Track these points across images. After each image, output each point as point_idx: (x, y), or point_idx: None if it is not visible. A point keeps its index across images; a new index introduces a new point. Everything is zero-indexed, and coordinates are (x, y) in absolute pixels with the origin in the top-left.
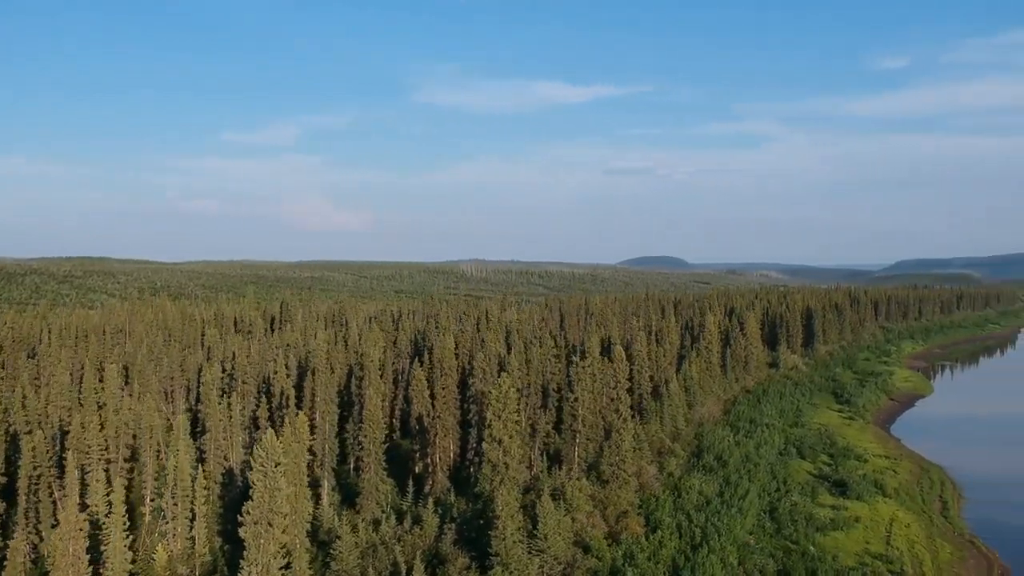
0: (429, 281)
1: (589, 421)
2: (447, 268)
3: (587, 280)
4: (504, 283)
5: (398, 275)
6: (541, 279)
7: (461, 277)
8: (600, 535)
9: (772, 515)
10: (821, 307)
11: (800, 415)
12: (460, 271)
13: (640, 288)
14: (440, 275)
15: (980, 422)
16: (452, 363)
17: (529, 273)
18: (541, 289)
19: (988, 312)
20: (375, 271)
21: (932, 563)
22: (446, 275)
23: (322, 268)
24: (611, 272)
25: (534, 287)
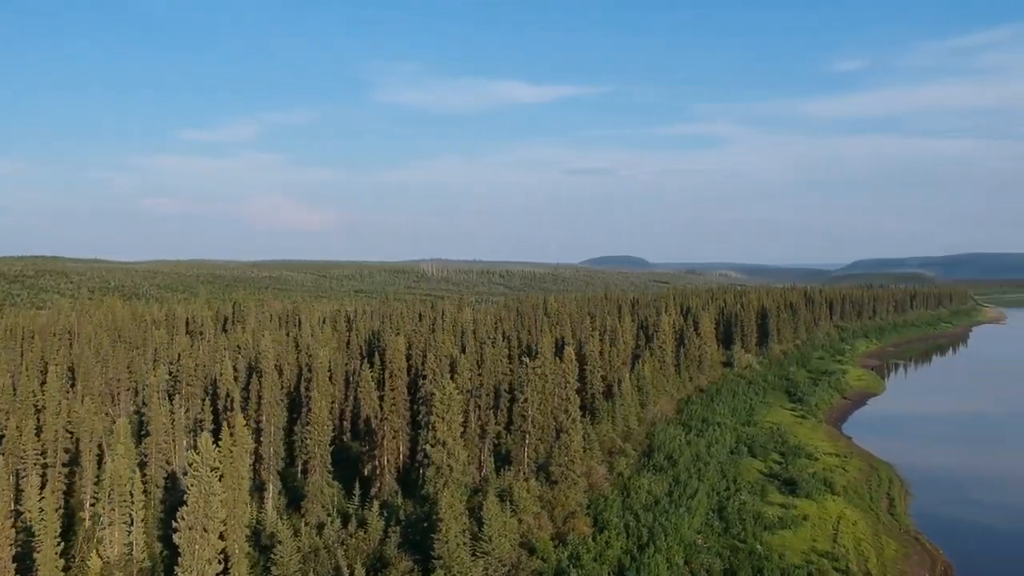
0: (390, 281)
1: (539, 422)
2: (408, 268)
3: (548, 280)
4: (465, 283)
5: (358, 275)
6: (502, 279)
7: (422, 277)
8: (547, 536)
9: (721, 514)
10: (776, 307)
11: (753, 414)
12: (421, 271)
13: (601, 288)
14: (401, 275)
15: (930, 420)
16: (402, 364)
17: (490, 273)
18: (502, 289)
19: (941, 311)
20: (335, 271)
21: (877, 560)
22: (407, 275)
23: (281, 268)
24: (572, 272)
25: (495, 287)
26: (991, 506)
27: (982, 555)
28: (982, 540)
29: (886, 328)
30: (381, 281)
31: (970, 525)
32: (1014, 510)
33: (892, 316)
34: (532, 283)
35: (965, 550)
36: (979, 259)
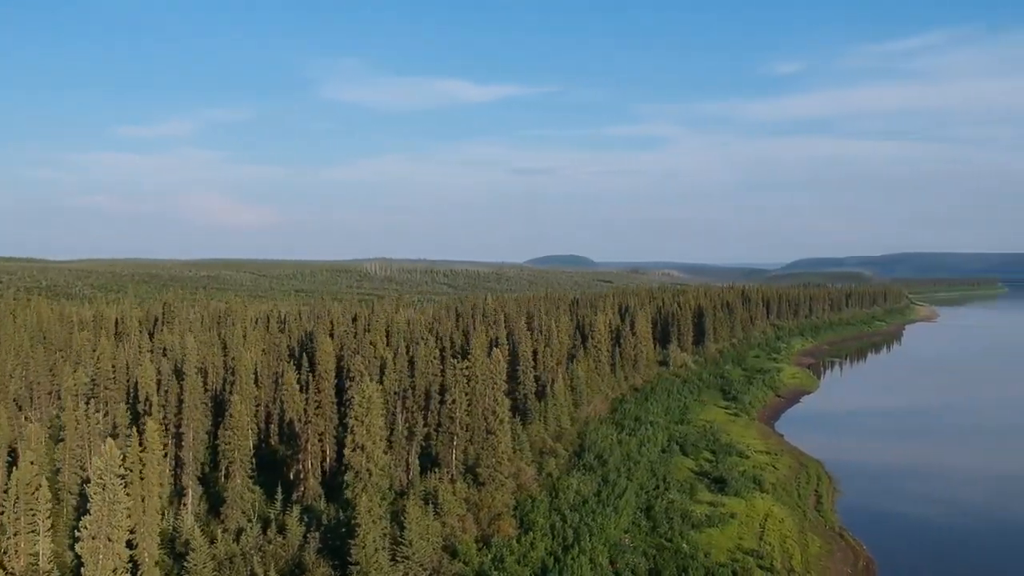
0: (331, 280)
1: (466, 423)
2: (351, 267)
3: (492, 279)
4: (409, 282)
5: (299, 274)
6: (446, 278)
7: (365, 276)
8: (470, 539)
9: (648, 513)
10: (713, 306)
11: (687, 412)
12: (364, 270)
13: (544, 287)
14: (343, 274)
15: (861, 416)
16: (331, 366)
17: (434, 272)
18: (446, 288)
19: (875, 310)
20: (275, 270)
21: (801, 557)
22: (349, 274)
23: (219, 267)
24: (516, 271)
25: (439, 286)
26: (917, 500)
27: (905, 549)
28: (906, 534)
29: (822, 327)
30: (322, 281)
31: (895, 520)
32: (939, 503)
33: (828, 315)
34: (476, 282)
35: (889, 545)
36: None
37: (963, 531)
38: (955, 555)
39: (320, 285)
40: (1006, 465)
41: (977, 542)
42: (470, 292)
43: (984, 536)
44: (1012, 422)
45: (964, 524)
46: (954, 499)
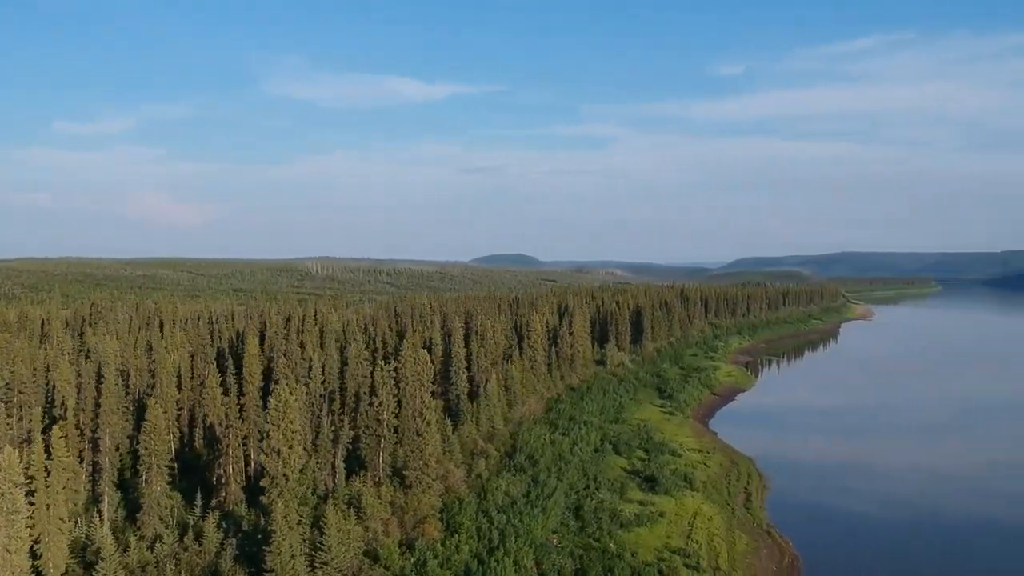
0: (272, 279)
1: (394, 425)
2: (292, 266)
3: (436, 278)
4: (351, 281)
5: (238, 273)
6: (390, 277)
7: (306, 275)
8: (393, 543)
9: (577, 513)
10: (651, 305)
11: (622, 411)
12: (305, 269)
13: (489, 286)
14: (284, 273)
15: (794, 413)
16: (256, 368)
17: (377, 271)
18: (389, 287)
19: (812, 309)
20: (214, 269)
21: (728, 555)
22: (290, 273)
23: (156, 266)
24: (461, 270)
25: (382, 285)
26: (846, 497)
27: (832, 545)
28: (833, 530)
29: (759, 325)
30: (262, 280)
31: (824, 516)
32: (868, 500)
33: (765, 313)
34: (420, 282)
35: (816, 541)
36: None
37: (891, 527)
38: (882, 551)
39: (260, 284)
40: (935, 461)
41: (904, 538)
42: (413, 291)
43: (911, 532)
44: (941, 419)
45: (892, 520)
46: (883, 495)
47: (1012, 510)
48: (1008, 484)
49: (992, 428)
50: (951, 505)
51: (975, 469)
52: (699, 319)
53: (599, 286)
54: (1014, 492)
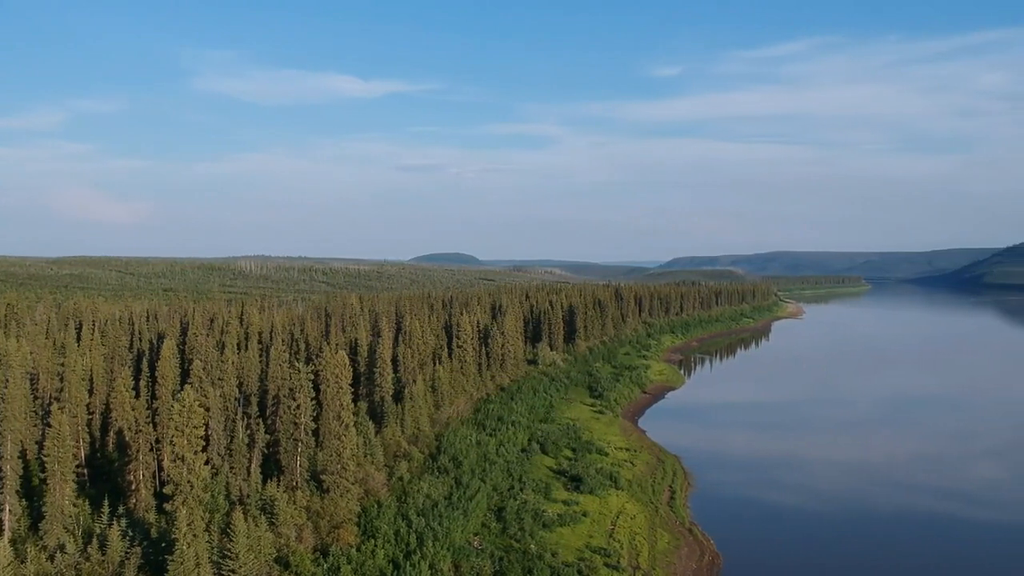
0: (204, 278)
1: (312, 429)
2: (225, 264)
3: (373, 277)
4: (286, 280)
5: (169, 272)
6: (325, 276)
7: (239, 274)
8: (306, 549)
9: (499, 514)
10: (584, 304)
11: (552, 411)
12: (238, 268)
13: (427, 285)
14: (216, 272)
15: (723, 411)
16: (170, 371)
17: (313, 270)
18: (324, 287)
19: (743, 307)
20: (144, 267)
21: (649, 553)
22: (223, 272)
23: (84, 264)
24: (399, 269)
25: (317, 284)
26: (771, 493)
27: (753, 540)
28: (755, 525)
29: (692, 324)
30: (193, 279)
31: (748, 513)
32: (792, 495)
33: (698, 312)
34: (357, 281)
35: (737, 537)
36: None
37: (814, 521)
38: (804, 545)
39: (191, 284)
40: (860, 456)
41: (827, 531)
42: (349, 291)
43: (834, 525)
44: (867, 415)
45: (816, 514)
46: (808, 490)
47: (933, 501)
48: (930, 476)
49: (916, 422)
50: (874, 498)
51: (898, 462)
52: (633, 318)
53: (535, 285)
54: (935, 484)
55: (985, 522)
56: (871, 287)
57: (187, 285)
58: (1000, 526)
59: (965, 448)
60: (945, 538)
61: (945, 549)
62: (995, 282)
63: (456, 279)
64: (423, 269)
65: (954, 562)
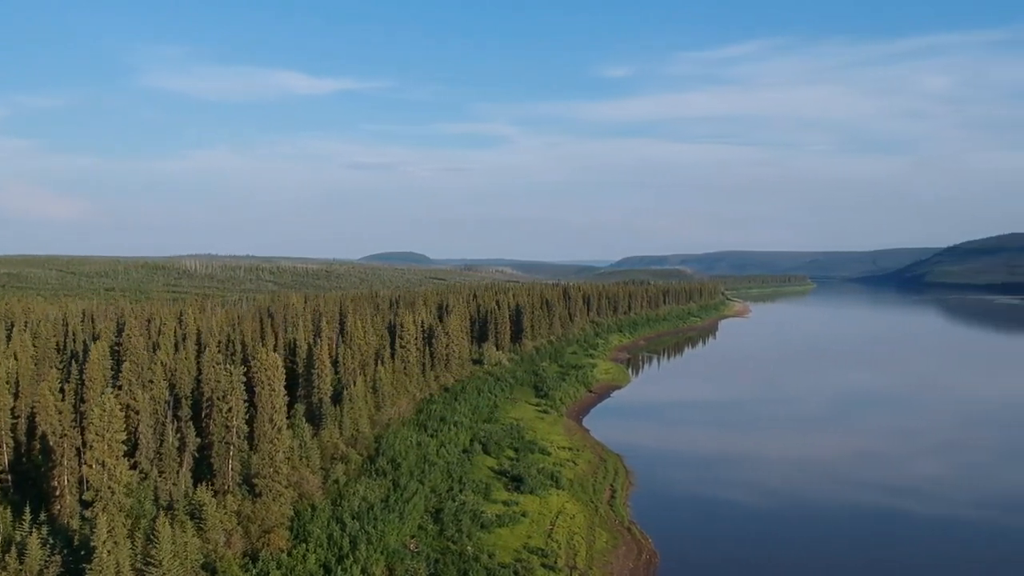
0: (147, 278)
1: (245, 432)
2: (170, 263)
3: (322, 276)
4: (232, 279)
5: (112, 271)
6: (272, 275)
7: (184, 273)
8: (236, 554)
9: (437, 516)
10: (531, 303)
11: (496, 411)
12: (183, 267)
13: (376, 284)
14: (160, 271)
15: (668, 409)
16: (100, 373)
17: (259, 269)
18: (271, 286)
19: (691, 306)
20: (86, 266)
21: (587, 553)
22: (167, 271)
23: (23, 263)
24: (348, 268)
25: (264, 283)
26: (711, 489)
27: (692, 538)
28: (695, 523)
29: (639, 322)
30: (137, 278)
31: (688, 509)
32: (732, 490)
33: (646, 311)
34: (305, 280)
35: (677, 535)
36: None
37: (755, 517)
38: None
39: (134, 283)
40: (802, 452)
41: (767, 528)
42: (297, 290)
43: (775, 521)
44: (810, 411)
45: (757, 512)
46: (751, 488)
47: (876, 497)
48: (873, 473)
49: (859, 419)
50: (816, 494)
51: (842, 459)
52: (581, 317)
53: (483, 285)
54: (879, 480)
55: (926, 517)
56: (816, 286)
57: (130, 284)
58: (941, 521)
59: (908, 445)
60: (887, 533)
61: (887, 544)
62: (936, 281)
63: (406, 278)
64: (373, 268)
65: (896, 557)
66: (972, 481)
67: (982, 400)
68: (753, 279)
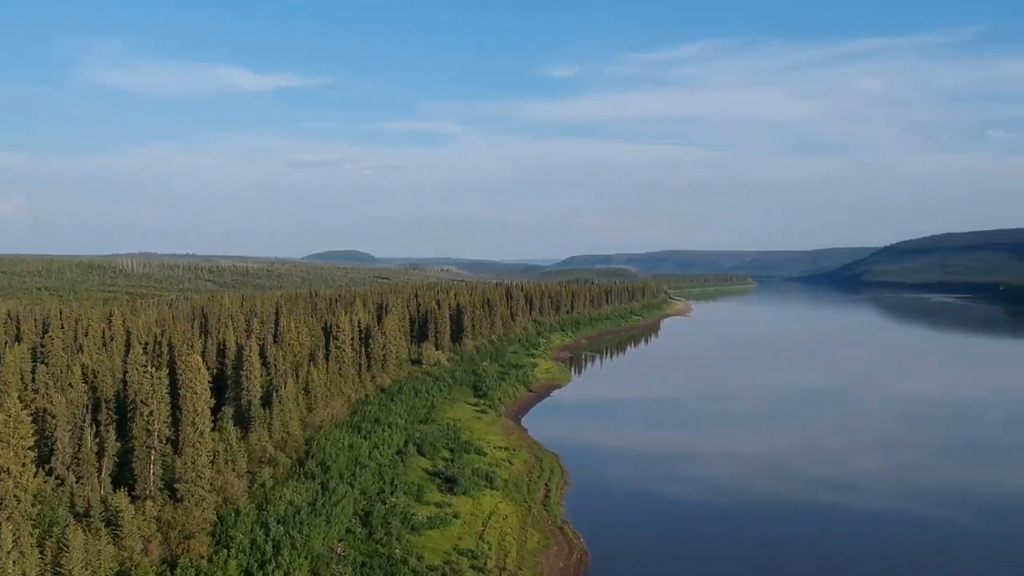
0: (82, 277)
1: (167, 436)
2: (106, 262)
3: (263, 275)
4: (171, 279)
5: (46, 270)
6: (212, 274)
7: (121, 272)
8: (152, 562)
9: (366, 519)
10: (472, 303)
11: (432, 411)
12: (120, 266)
13: (318, 284)
14: (96, 270)
15: (607, 407)
16: (15, 376)
17: (199, 268)
18: (210, 285)
19: (633, 305)
20: (17, 265)
21: (517, 553)
22: (103, 270)
23: None
24: (290, 267)
25: (202, 283)
26: (646, 487)
27: (623, 536)
28: (628, 522)
29: (582, 321)
30: (71, 277)
31: (623, 507)
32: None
33: (588, 310)
34: (245, 279)
35: (608, 534)
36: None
37: (691, 515)
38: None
39: (68, 282)
40: (740, 448)
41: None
42: (237, 289)
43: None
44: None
45: (693, 508)
46: (687, 484)
47: (813, 491)
48: (811, 468)
49: (797, 416)
50: (753, 490)
51: (778, 455)
52: (523, 316)
53: (425, 284)
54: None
55: (863, 512)
56: (758, 285)
57: (64, 284)
58: (879, 514)
59: (845, 441)
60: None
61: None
62: (873, 280)
63: (349, 278)
64: (315, 267)
65: (833, 551)
66: (908, 476)
67: (918, 397)
68: (696, 278)
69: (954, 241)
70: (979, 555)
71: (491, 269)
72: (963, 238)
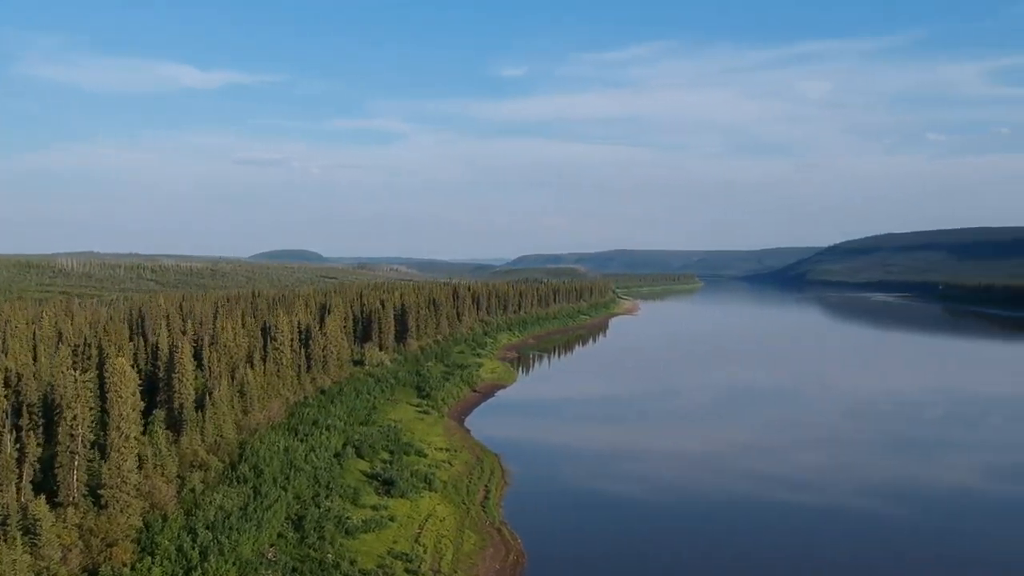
0: (19, 277)
1: (91, 441)
2: (44, 261)
3: (206, 275)
4: (112, 278)
5: None
6: (154, 274)
7: (60, 272)
8: (72, 571)
9: (299, 524)
10: (417, 303)
11: (373, 412)
12: (59, 265)
13: (263, 283)
14: (34, 269)
15: (552, 407)
16: None
17: (141, 268)
18: (153, 285)
19: (581, 304)
20: None
21: (453, 556)
22: (41, 269)
23: None
24: (234, 266)
25: (145, 283)
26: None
27: (562, 537)
28: (567, 522)
29: (529, 321)
30: (8, 277)
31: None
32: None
33: (536, 309)
34: (189, 279)
35: (547, 534)
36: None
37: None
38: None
39: (4, 282)
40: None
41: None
42: (180, 289)
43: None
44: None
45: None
46: (631, 483)
47: (755, 488)
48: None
49: (740, 413)
50: (695, 487)
51: (722, 452)
52: (470, 316)
53: (370, 284)
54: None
55: (806, 506)
56: (704, 284)
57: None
58: (824, 509)
59: (789, 437)
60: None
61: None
62: (817, 279)
63: (297, 277)
64: (261, 267)
65: (775, 547)
66: (851, 471)
67: (861, 393)
68: (644, 278)
69: (895, 241)
70: (922, 552)
71: (442, 269)
72: (904, 238)
